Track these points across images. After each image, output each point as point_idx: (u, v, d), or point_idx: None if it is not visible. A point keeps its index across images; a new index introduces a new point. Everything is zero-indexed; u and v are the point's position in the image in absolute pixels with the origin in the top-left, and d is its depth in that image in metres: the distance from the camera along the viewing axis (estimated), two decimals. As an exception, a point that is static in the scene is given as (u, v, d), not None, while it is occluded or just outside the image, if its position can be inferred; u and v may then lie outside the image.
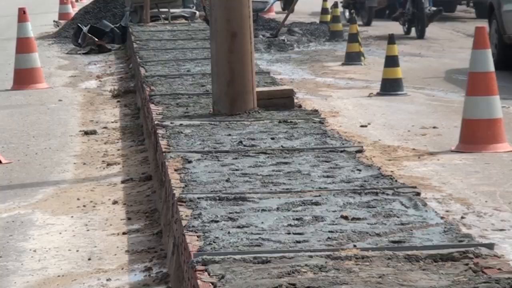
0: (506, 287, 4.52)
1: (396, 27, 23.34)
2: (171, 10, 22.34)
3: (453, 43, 21.03)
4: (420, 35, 24.11)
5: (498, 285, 4.57)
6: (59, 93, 15.82)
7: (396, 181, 6.91)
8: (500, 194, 8.26)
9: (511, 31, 16.99)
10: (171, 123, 9.37)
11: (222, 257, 5.10)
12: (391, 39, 14.36)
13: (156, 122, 9.50)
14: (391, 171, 7.62)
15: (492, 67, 10.14)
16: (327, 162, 7.52)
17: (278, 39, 20.78)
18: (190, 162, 7.60)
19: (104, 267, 6.92)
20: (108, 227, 7.92)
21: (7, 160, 10.48)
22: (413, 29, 23.77)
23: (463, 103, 10.33)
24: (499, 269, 4.83)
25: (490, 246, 5.24)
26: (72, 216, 8.29)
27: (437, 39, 21.70)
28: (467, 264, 4.94)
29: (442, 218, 5.93)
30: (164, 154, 8.01)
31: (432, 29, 22.93)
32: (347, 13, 26.99)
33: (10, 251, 7.37)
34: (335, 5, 23.83)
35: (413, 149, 10.18)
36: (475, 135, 10.02)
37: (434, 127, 11.31)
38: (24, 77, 16.25)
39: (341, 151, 7.91)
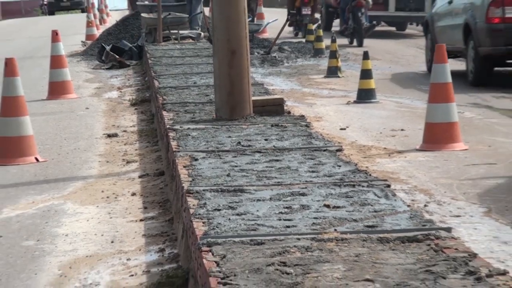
0: (462, 264, 4.54)
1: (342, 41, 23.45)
2: (180, 32, 22.34)
3: (416, 58, 20.95)
4: (360, 45, 25.06)
5: (455, 262, 4.58)
6: (86, 102, 15.80)
7: (370, 175, 6.91)
8: (457, 185, 8.26)
9: (440, 41, 16.86)
10: (180, 127, 9.36)
11: (223, 239, 5.10)
12: (365, 55, 14.34)
13: (167, 126, 9.49)
14: (366, 167, 7.61)
15: (449, 79, 10.15)
16: (312, 159, 7.51)
17: (270, 56, 20.75)
18: (196, 160, 7.59)
19: (124, 249, 6.91)
20: (127, 215, 7.91)
21: (43, 158, 10.47)
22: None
23: (426, 109, 10.32)
24: (456, 249, 4.84)
25: (448, 229, 5.25)
26: (97, 206, 8.28)
27: (404, 55, 21.65)
28: (429, 245, 4.94)
29: (408, 206, 5.92)
30: (174, 153, 8.00)
31: (398, 46, 22.88)
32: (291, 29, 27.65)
33: (46, 236, 7.37)
34: (318, 27, 23.80)
35: (384, 148, 10.17)
36: (436, 136, 10.01)
37: (402, 130, 11.29)
38: (57, 89, 16.24)
39: (324, 150, 7.91)
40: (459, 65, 18.21)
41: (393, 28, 30.65)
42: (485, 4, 16.31)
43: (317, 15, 28.91)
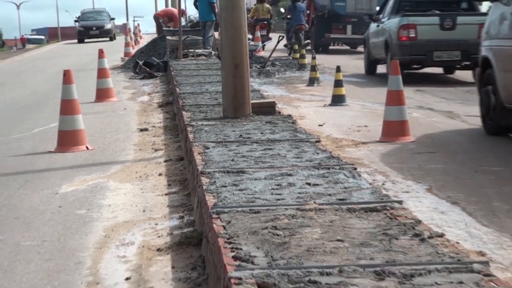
0: (410, 228, 4.55)
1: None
2: (196, 50, 22.35)
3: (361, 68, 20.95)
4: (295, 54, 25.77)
5: (405, 227, 4.60)
6: (124, 104, 15.77)
7: (341, 160, 6.89)
8: (406, 169, 8.25)
9: (373, 53, 20.06)
10: (196, 123, 9.35)
11: (229, 209, 5.10)
12: (338, 69, 14.32)
13: (186, 123, 9.47)
14: (338, 154, 7.58)
15: (401, 87, 10.14)
16: (297, 148, 7.50)
17: (265, 69, 20.68)
18: (208, 148, 7.58)
19: (153, 216, 6.90)
20: (155, 190, 7.89)
21: (92, 147, 10.45)
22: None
23: (383, 110, 10.31)
24: (405, 217, 4.85)
25: (400, 202, 5.25)
26: (132, 183, 8.27)
27: (356, 65, 21.61)
28: (385, 214, 4.94)
29: (370, 184, 5.93)
30: (191, 143, 7.98)
31: (351, 60, 22.86)
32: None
33: (94, 206, 7.35)
34: (303, 47, 23.73)
35: (352, 140, 10.15)
36: (391, 131, 9.99)
37: (365, 126, 11.27)
38: (102, 94, 16.21)
39: (306, 141, 7.89)
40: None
41: (348, 47, 31.12)
42: (397, 28, 17.85)
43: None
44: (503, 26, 10.28)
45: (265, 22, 30.40)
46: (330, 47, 31.35)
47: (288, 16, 30.09)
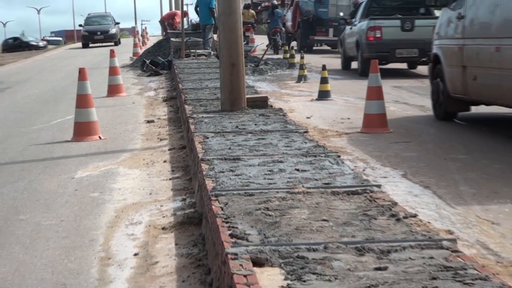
0: (387, 209, 4.57)
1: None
2: (197, 51, 22.39)
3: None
4: (276, 53, 27.78)
5: (383, 208, 4.62)
6: (132, 98, 15.75)
7: (326, 149, 6.90)
8: (385, 157, 8.25)
9: (348, 51, 20.96)
10: (196, 115, 9.34)
11: (226, 192, 5.11)
12: (324, 68, 14.36)
13: (188, 115, 9.47)
14: (324, 143, 7.59)
15: (380, 83, 10.16)
16: (287, 138, 7.49)
17: (259, 68, 20.68)
18: (207, 138, 7.57)
19: (158, 198, 6.90)
20: (161, 175, 7.89)
21: (104, 137, 10.44)
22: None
23: (364, 104, 10.31)
24: (383, 199, 4.87)
25: (379, 186, 5.27)
26: (140, 169, 8.26)
27: (334, 63, 21.63)
28: (365, 196, 4.96)
29: (352, 170, 5.93)
30: (192, 133, 7.98)
31: (331, 59, 22.88)
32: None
33: (106, 189, 7.35)
34: (291, 49, 23.80)
35: (336, 131, 10.15)
36: (371, 123, 9.98)
37: (348, 118, 11.26)
38: (113, 89, 16.19)
39: (295, 132, 7.89)
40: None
41: (330, 48, 31.14)
42: (366, 30, 18.74)
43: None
44: (449, 28, 10.90)
45: (249, 25, 31.42)
46: (314, 48, 31.67)
47: (268, 21, 31.91)
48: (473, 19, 10.08)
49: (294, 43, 30.79)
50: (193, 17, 37.18)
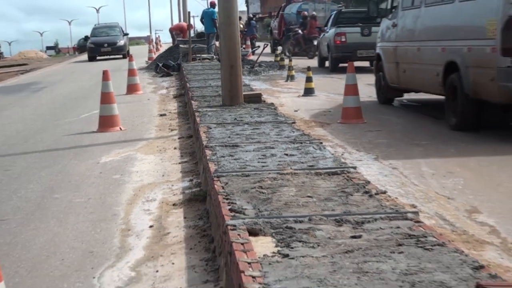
0: (361, 187, 4.56)
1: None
2: (202, 55, 22.38)
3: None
4: (252, 54, 27.01)
5: (358, 186, 4.63)
6: (148, 95, 15.72)
7: (310, 137, 6.90)
8: (360, 143, 8.25)
9: (322, 52, 22.05)
10: (201, 109, 9.33)
11: (226, 173, 5.11)
12: (308, 68, 14.50)
13: (194, 109, 9.46)
14: (309, 132, 7.58)
15: (356, 81, 10.17)
16: (277, 128, 7.49)
17: (253, 69, 20.63)
18: (210, 128, 7.56)
19: (170, 179, 6.89)
20: (171, 160, 7.88)
21: (124, 128, 10.43)
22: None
23: (343, 99, 10.31)
24: (358, 179, 4.86)
25: (354, 167, 5.27)
26: (154, 155, 8.25)
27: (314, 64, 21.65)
28: (343, 176, 4.95)
29: (332, 154, 5.92)
30: (198, 124, 7.96)
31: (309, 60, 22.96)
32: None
33: (125, 172, 7.34)
34: (281, 53, 23.88)
35: (319, 122, 10.14)
36: (348, 115, 9.98)
37: (329, 111, 11.26)
38: (132, 88, 16.14)
39: (284, 123, 7.88)
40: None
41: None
42: (334, 35, 20.08)
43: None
44: (387, 33, 11.96)
45: (254, 34, 32.75)
46: (296, 52, 31.31)
47: (245, 30, 33.29)
48: (403, 27, 11.18)
49: (280, 48, 31.06)
50: (198, 27, 37.39)
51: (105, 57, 34.44)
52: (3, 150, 9.14)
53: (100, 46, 33.95)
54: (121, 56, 33.61)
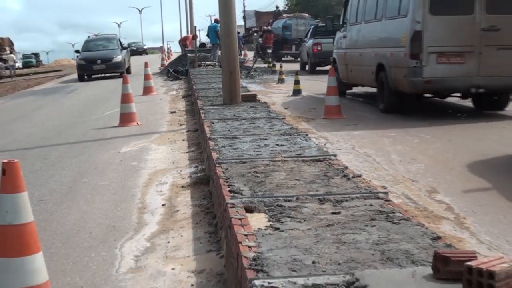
0: (340, 172, 4.55)
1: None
2: (206, 62, 22.40)
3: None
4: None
5: (337, 171, 4.61)
6: (160, 96, 15.67)
7: (298, 130, 6.88)
8: (340, 135, 8.24)
9: (303, 58, 23.05)
10: (205, 107, 9.31)
11: (226, 161, 5.09)
12: (296, 73, 14.54)
13: (199, 107, 9.43)
14: (296, 126, 7.56)
15: (336, 83, 10.17)
16: (270, 122, 7.47)
17: (250, 74, 20.60)
18: (213, 123, 7.53)
19: (179, 166, 6.88)
20: (180, 149, 7.87)
21: (141, 123, 10.41)
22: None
23: (325, 98, 10.30)
24: (338, 165, 4.85)
25: (335, 155, 5.25)
26: (166, 146, 8.24)
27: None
28: (325, 163, 4.94)
29: (316, 144, 5.91)
30: (202, 120, 7.94)
31: (293, 65, 22.97)
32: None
33: (142, 160, 7.32)
34: (273, 60, 23.94)
35: (305, 117, 10.11)
36: (330, 112, 9.93)
37: (314, 108, 11.20)
38: (147, 90, 16.08)
39: (276, 118, 7.87)
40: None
41: (293, 58, 30.42)
42: (312, 45, 21.33)
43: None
44: (340, 42, 13.16)
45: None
46: (283, 59, 31.32)
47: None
48: (350, 38, 12.41)
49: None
50: (203, 39, 37.38)
51: (100, 75, 23.95)
52: (42, 142, 9.13)
53: (92, 62, 23.21)
54: (118, 74, 22.21)
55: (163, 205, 5.27)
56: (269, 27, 31.48)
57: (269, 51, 27.83)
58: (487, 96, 9.82)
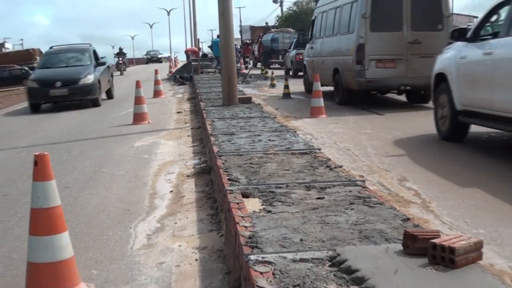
0: (324, 163, 4.53)
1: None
2: (207, 70, 22.41)
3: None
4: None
5: (322, 162, 4.59)
6: (168, 99, 15.62)
7: (287, 127, 6.86)
8: (323, 132, 8.25)
9: (287, 66, 23.71)
10: (207, 108, 9.28)
11: (225, 153, 5.07)
12: (286, 79, 14.59)
13: (202, 108, 9.40)
14: (286, 124, 7.55)
15: (320, 88, 10.27)
16: (263, 121, 7.45)
17: (245, 79, 20.58)
18: (214, 121, 7.51)
19: (184, 158, 6.87)
20: (186, 144, 7.86)
21: (151, 122, 10.40)
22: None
23: (311, 100, 10.31)
24: (322, 157, 4.83)
25: (319, 149, 5.23)
26: (173, 141, 8.23)
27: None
28: (311, 155, 4.93)
29: (303, 140, 5.90)
30: (204, 119, 7.91)
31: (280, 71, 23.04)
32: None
33: (152, 153, 7.31)
34: (264, 67, 24.01)
35: (294, 116, 10.11)
36: (315, 112, 9.95)
37: (301, 109, 11.20)
38: (157, 93, 16.04)
39: (268, 117, 7.84)
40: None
41: (280, 66, 30.45)
42: (295, 55, 21.90)
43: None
44: (309, 52, 14.42)
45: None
46: (271, 66, 31.27)
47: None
48: (316, 48, 13.80)
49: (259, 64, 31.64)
50: (205, 50, 37.28)
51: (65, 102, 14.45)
52: (67, 138, 9.11)
53: (48, 85, 13.37)
54: (89, 101, 13.99)
55: (171, 191, 5.27)
56: (247, 41, 32.35)
57: (247, 59, 29.27)
58: (414, 92, 11.39)
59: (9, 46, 68.42)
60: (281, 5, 56.59)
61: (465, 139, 6.99)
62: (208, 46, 25.29)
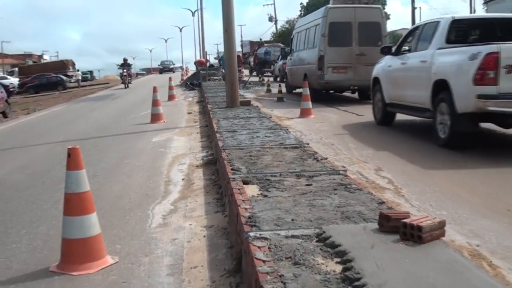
0: (312, 156, 4.52)
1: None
2: (214, 77, 22.34)
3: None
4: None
5: (310, 154, 4.58)
6: (180, 102, 15.58)
7: (281, 126, 6.85)
8: (312, 130, 8.22)
9: (276, 73, 24.10)
10: (213, 110, 9.27)
11: (229, 147, 5.06)
12: (280, 85, 14.61)
13: (209, 109, 9.38)
14: (280, 123, 7.54)
15: (308, 93, 10.24)
16: (260, 121, 7.44)
17: (246, 86, 20.51)
18: (219, 121, 7.50)
19: (194, 151, 6.85)
20: (195, 140, 7.84)
21: (166, 121, 10.36)
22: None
23: (301, 103, 10.28)
24: (310, 151, 4.82)
25: (308, 144, 5.22)
26: (185, 137, 8.20)
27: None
28: (301, 149, 4.92)
29: (294, 136, 5.89)
30: (211, 118, 7.90)
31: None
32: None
33: (167, 147, 7.29)
34: (261, 76, 23.99)
35: (286, 117, 10.08)
36: (305, 113, 9.93)
37: (292, 110, 11.15)
38: (171, 97, 16.00)
39: (265, 118, 7.84)
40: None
41: (271, 74, 29.87)
42: (282, 63, 21.50)
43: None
44: (289, 61, 15.71)
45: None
46: (265, 74, 31.04)
47: (220, 63, 30.40)
48: (293, 59, 15.11)
49: (254, 73, 31.50)
50: (212, 62, 37.23)
51: None
52: (94, 134, 9.08)
53: None
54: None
55: (182, 179, 5.26)
56: (239, 54, 31.78)
57: (239, 68, 27.93)
58: (362, 91, 12.76)
59: (46, 58, 68.97)
60: (275, 23, 56.67)
61: (392, 123, 8.25)
62: (214, 58, 25.21)
